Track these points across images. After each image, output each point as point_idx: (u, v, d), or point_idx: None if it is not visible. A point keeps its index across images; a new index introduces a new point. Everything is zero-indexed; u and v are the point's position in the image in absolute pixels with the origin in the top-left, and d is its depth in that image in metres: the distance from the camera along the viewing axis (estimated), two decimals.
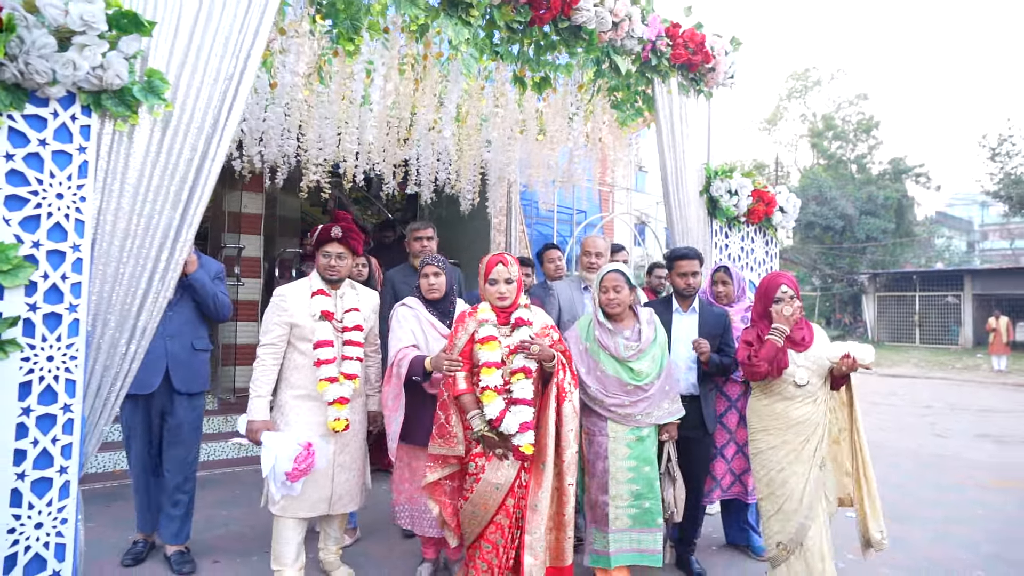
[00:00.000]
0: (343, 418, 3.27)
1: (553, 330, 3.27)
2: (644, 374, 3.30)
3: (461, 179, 5.44)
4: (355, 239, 3.43)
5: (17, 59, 2.30)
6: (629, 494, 3.30)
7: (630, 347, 3.31)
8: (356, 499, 3.49)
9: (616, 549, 3.29)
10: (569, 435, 3.12)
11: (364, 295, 3.59)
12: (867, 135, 35.04)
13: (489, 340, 3.13)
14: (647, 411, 3.32)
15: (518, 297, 3.24)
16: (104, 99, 2.53)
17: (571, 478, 3.11)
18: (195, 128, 2.75)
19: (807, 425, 3.24)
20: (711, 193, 4.99)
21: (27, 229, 2.41)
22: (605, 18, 4.02)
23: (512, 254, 3.29)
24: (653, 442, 3.36)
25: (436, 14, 3.50)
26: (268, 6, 2.90)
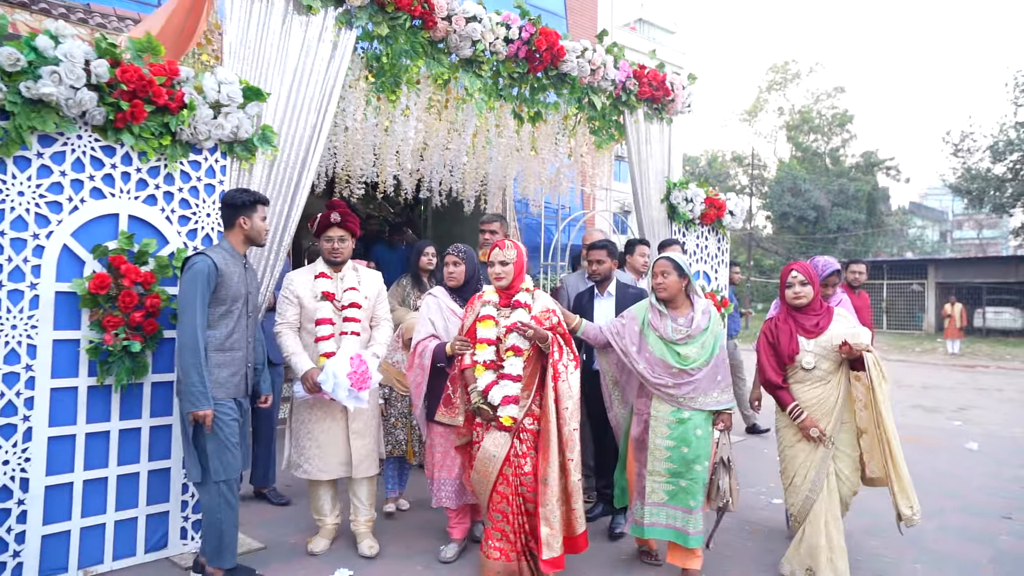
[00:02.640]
0: None
1: (553, 314, 3.40)
2: (691, 359, 3.35)
3: (467, 187, 6.62)
4: (352, 222, 3.68)
5: (191, 126, 3.44)
6: (666, 471, 3.37)
7: (679, 331, 3.39)
8: (373, 465, 3.74)
9: (651, 521, 3.39)
10: (565, 412, 3.23)
11: (366, 276, 3.80)
12: (841, 128, 36.42)
13: (485, 319, 3.38)
14: (691, 395, 3.35)
15: (517, 280, 3.41)
16: (235, 147, 3.67)
17: (571, 453, 3.22)
18: (291, 164, 3.90)
19: (816, 407, 3.41)
20: (671, 201, 6.20)
21: (190, 239, 3.56)
22: (585, 67, 5.19)
23: (515, 241, 3.54)
24: (697, 427, 3.34)
25: (456, 69, 4.65)
26: (339, 73, 4.04)
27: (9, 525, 3.04)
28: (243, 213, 3.24)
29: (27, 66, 2.93)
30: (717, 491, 3.37)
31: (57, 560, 3.18)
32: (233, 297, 3.19)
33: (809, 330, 3.47)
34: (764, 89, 39.76)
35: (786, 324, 3.55)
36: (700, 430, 3.35)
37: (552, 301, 3.49)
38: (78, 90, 3.06)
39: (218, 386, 3.12)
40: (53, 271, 3.14)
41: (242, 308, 3.25)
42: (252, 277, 3.39)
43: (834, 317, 3.48)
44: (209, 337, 3.12)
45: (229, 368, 3.18)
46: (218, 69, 3.56)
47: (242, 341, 3.26)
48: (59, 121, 3.08)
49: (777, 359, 3.54)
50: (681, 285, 3.45)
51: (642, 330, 3.49)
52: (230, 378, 3.18)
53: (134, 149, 3.34)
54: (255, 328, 3.42)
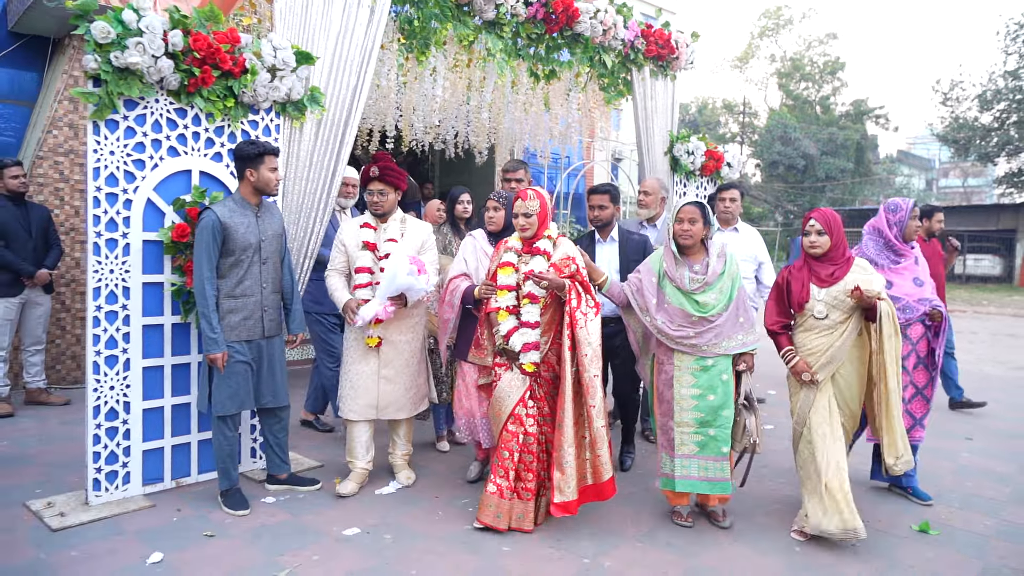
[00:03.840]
0: (375, 335, 3.75)
1: (573, 261, 3.40)
2: (709, 306, 3.33)
3: (479, 140, 6.98)
4: (391, 176, 3.76)
5: (252, 89, 3.79)
6: (694, 421, 3.35)
7: (696, 279, 3.37)
8: (404, 408, 3.87)
9: (682, 474, 3.37)
10: (584, 359, 3.25)
11: (411, 228, 3.89)
12: (832, 76, 36.45)
13: (505, 266, 3.47)
14: (714, 342, 3.34)
15: (541, 229, 3.46)
16: (288, 107, 4.03)
17: (592, 399, 3.23)
18: (336, 122, 4.27)
19: (821, 354, 3.38)
20: (673, 154, 6.60)
21: None
22: (597, 27, 5.52)
23: (538, 189, 3.54)
24: (722, 372, 3.36)
25: (480, 31, 4.98)
26: (377, 36, 4.38)
27: (118, 441, 3.52)
28: (250, 165, 3.47)
29: (116, 38, 3.28)
30: (743, 431, 3.42)
31: (155, 472, 3.68)
32: (242, 247, 3.44)
33: (823, 279, 3.40)
34: (756, 35, 39.51)
35: (800, 272, 3.49)
36: (726, 375, 3.37)
37: (574, 249, 3.51)
38: (158, 58, 3.41)
39: (229, 329, 3.44)
40: (140, 222, 3.54)
41: (252, 256, 3.50)
42: (268, 226, 3.59)
43: (852, 267, 3.40)
44: (220, 285, 3.43)
45: (241, 313, 3.47)
46: (272, 35, 3.90)
47: (255, 287, 3.53)
48: (142, 87, 3.43)
49: (782, 306, 3.53)
50: (703, 233, 3.43)
51: (659, 282, 3.48)
52: (242, 322, 3.48)
53: (203, 111, 3.70)
54: (273, 273, 3.63)
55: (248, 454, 4.05)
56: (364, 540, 3.21)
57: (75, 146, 5.86)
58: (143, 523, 3.29)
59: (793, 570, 3.07)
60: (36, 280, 5.08)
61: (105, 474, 3.50)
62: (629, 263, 4.04)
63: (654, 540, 3.34)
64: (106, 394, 3.48)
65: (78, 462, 4.03)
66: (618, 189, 4.24)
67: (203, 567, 2.90)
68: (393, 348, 3.82)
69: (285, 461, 3.83)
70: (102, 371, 3.47)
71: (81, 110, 5.87)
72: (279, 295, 3.71)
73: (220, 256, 3.42)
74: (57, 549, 3.01)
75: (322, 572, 2.90)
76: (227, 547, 3.10)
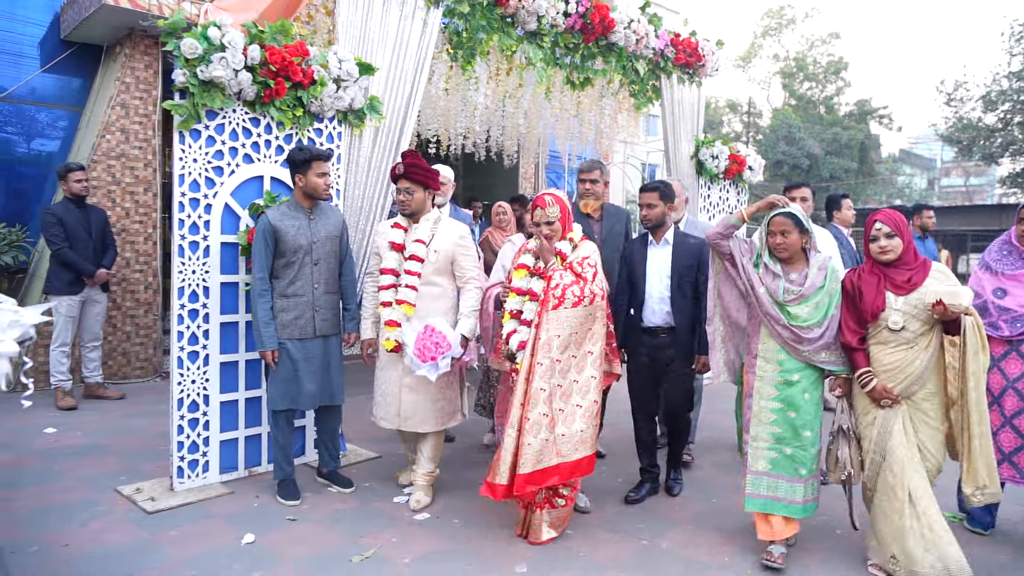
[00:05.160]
0: (392, 339, 3.59)
1: (590, 265, 3.27)
2: (802, 319, 3.09)
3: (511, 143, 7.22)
4: (418, 173, 3.60)
5: (319, 99, 4.01)
6: (770, 436, 3.15)
7: (791, 291, 3.10)
8: (428, 421, 3.66)
9: (751, 492, 3.17)
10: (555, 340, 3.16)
11: (443, 229, 3.69)
12: (836, 76, 36.69)
13: (519, 268, 3.42)
14: (795, 344, 3.11)
15: (565, 233, 3.36)
16: (349, 116, 4.25)
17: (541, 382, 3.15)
18: (392, 129, 4.49)
19: (896, 372, 2.99)
20: (699, 157, 6.82)
21: None
22: (631, 37, 5.75)
23: (554, 191, 3.44)
24: (805, 390, 3.12)
25: (522, 41, 5.20)
26: (428, 47, 4.59)
27: (199, 431, 3.74)
28: (299, 170, 3.57)
29: (202, 54, 3.49)
30: (836, 462, 3.13)
31: (231, 461, 3.90)
32: (292, 249, 3.55)
33: (900, 285, 2.99)
34: (759, 35, 39.74)
35: (872, 276, 3.07)
36: (808, 394, 3.12)
37: (596, 254, 3.37)
38: (238, 72, 3.63)
39: (282, 327, 3.57)
40: (219, 225, 3.76)
41: (303, 258, 3.59)
42: (320, 228, 3.66)
43: (931, 272, 3.01)
44: (275, 285, 3.58)
45: (292, 312, 3.60)
46: (336, 48, 4.12)
47: (306, 287, 3.62)
48: (223, 98, 3.65)
49: (857, 316, 3.08)
50: (801, 242, 3.13)
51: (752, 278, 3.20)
52: (293, 321, 3.60)
53: (274, 120, 3.92)
54: (327, 274, 3.70)
55: (312, 445, 4.27)
56: (436, 524, 3.43)
57: (126, 150, 6.07)
58: (227, 508, 3.51)
59: None
60: (95, 279, 5.29)
61: (187, 462, 3.72)
62: (682, 269, 3.74)
63: (704, 525, 3.56)
64: (188, 387, 3.71)
65: (150, 451, 4.28)
66: (670, 186, 3.89)
67: (294, 547, 3.13)
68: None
69: (334, 457, 3.92)
70: (185, 365, 3.70)
71: (131, 116, 6.08)
72: (335, 295, 3.77)
73: (274, 258, 3.57)
74: (157, 530, 3.23)
75: (402, 553, 3.12)
76: (311, 530, 3.32)
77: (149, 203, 6.24)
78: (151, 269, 6.27)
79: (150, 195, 6.24)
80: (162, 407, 5.21)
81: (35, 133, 6.26)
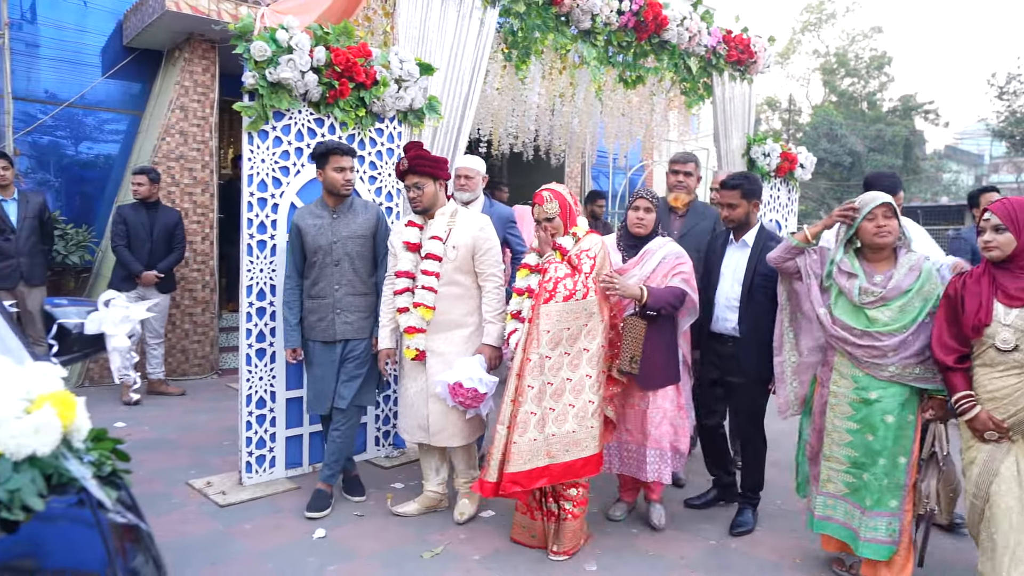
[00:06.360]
0: (414, 347, 3.33)
1: (588, 256, 3.10)
2: (881, 323, 2.72)
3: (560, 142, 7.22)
4: (425, 165, 3.30)
5: (381, 99, 4.06)
6: (845, 458, 2.83)
7: (869, 292, 2.74)
8: (458, 435, 3.35)
9: (823, 514, 2.91)
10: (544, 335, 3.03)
11: (461, 224, 3.38)
12: (879, 71, 35.90)
13: (521, 267, 3.31)
14: (876, 359, 2.72)
15: (568, 227, 3.19)
16: (409, 116, 4.29)
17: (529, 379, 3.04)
18: (450, 129, 4.52)
19: (1007, 402, 2.46)
20: (750, 155, 6.74)
21: (377, 195, 4.22)
22: (684, 34, 5.71)
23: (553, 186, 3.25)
24: (886, 411, 2.73)
25: (576, 40, 5.20)
26: (485, 47, 4.61)
27: (266, 427, 3.81)
28: (319, 165, 3.47)
29: (270, 56, 3.56)
30: (919, 495, 2.78)
31: (296, 457, 3.97)
32: (312, 249, 3.46)
33: (1012, 295, 2.46)
34: (798, 30, 39.09)
35: (978, 284, 2.55)
36: (891, 416, 2.73)
37: (599, 247, 3.16)
38: (304, 73, 3.68)
39: (308, 328, 3.54)
40: (285, 224, 3.83)
41: (324, 258, 3.47)
42: (343, 227, 3.50)
43: None
44: (304, 285, 3.56)
45: (317, 313, 3.51)
46: (397, 48, 4.16)
47: (328, 289, 3.48)
48: (289, 100, 3.72)
49: (956, 329, 2.58)
50: (898, 235, 2.79)
51: (825, 283, 2.91)
52: (317, 322, 3.51)
53: (338, 120, 3.97)
54: (351, 275, 3.52)
55: (372, 442, 4.32)
56: (503, 522, 3.44)
57: (185, 152, 6.21)
58: (295, 503, 3.57)
59: None
60: (142, 280, 5.38)
61: (255, 457, 3.79)
62: (757, 274, 3.36)
63: (771, 527, 3.52)
64: (256, 384, 3.78)
65: (216, 446, 4.38)
66: (755, 181, 3.52)
67: (365, 542, 3.17)
68: (442, 361, 3.31)
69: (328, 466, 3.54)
70: (253, 362, 3.77)
71: (190, 118, 6.22)
72: (364, 297, 3.57)
73: (303, 257, 3.54)
74: (230, 523, 3.31)
75: (471, 549, 3.15)
76: (379, 525, 3.36)
77: (206, 203, 6.37)
78: (208, 268, 6.40)
79: (207, 195, 6.37)
80: (222, 403, 5.36)
81: (98, 137, 6.43)
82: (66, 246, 5.89)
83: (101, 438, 1.19)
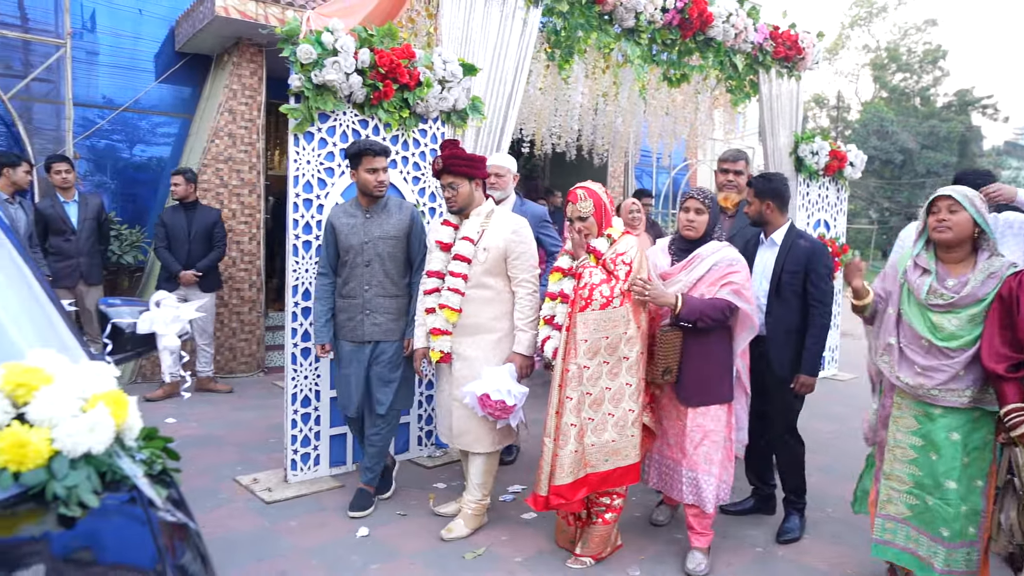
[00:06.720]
0: (438, 349, 3.27)
1: (624, 262, 2.96)
2: (947, 333, 2.47)
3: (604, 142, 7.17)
4: (460, 164, 3.23)
5: (425, 100, 4.08)
6: (908, 478, 2.59)
7: (939, 294, 2.49)
8: (482, 441, 3.25)
9: (883, 538, 2.66)
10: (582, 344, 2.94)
11: (495, 225, 3.28)
12: (933, 66, 34.82)
13: (554, 271, 3.19)
14: (946, 385, 2.47)
15: (602, 228, 3.06)
16: (452, 116, 4.30)
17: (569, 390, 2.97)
18: (494, 129, 4.52)
19: None
20: (798, 154, 6.59)
21: (420, 196, 4.24)
22: (730, 31, 5.61)
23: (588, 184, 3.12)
24: (951, 428, 2.49)
25: (619, 38, 5.15)
26: (528, 47, 4.60)
27: (310, 426, 3.87)
28: (353, 165, 3.44)
29: (316, 59, 3.60)
30: (999, 529, 2.49)
31: (339, 455, 4.02)
32: (344, 248, 3.46)
33: None
34: (847, 25, 38.16)
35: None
36: (956, 434, 2.48)
37: (635, 250, 3.00)
38: (349, 75, 3.72)
39: (338, 327, 3.53)
40: None
41: (355, 258, 3.45)
42: (376, 227, 3.47)
43: None
44: (336, 283, 3.56)
45: (346, 312, 3.50)
46: (441, 49, 4.17)
47: (357, 289, 3.46)
48: (334, 101, 3.76)
49: (1010, 335, 2.37)
50: (972, 232, 2.48)
51: (901, 286, 2.66)
52: (346, 322, 3.50)
53: (382, 122, 4.00)
54: (381, 276, 3.48)
55: (415, 442, 4.34)
56: (546, 524, 3.41)
57: (233, 154, 6.34)
58: (339, 501, 3.60)
59: None
60: (181, 279, 5.47)
61: (300, 455, 3.85)
62: (785, 273, 3.31)
63: (820, 534, 3.43)
64: (301, 383, 3.84)
65: (262, 443, 4.45)
66: (777, 182, 3.43)
67: (408, 541, 3.19)
68: (467, 366, 3.24)
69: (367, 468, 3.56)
70: (298, 361, 3.83)
71: (238, 121, 6.35)
72: (396, 299, 3.52)
73: (336, 255, 3.54)
74: (276, 519, 3.36)
75: (514, 551, 3.14)
76: (422, 524, 3.37)
77: (253, 204, 6.49)
78: (255, 268, 6.52)
79: (254, 196, 6.49)
80: (268, 401, 5.45)
81: (151, 140, 6.62)
82: (120, 246, 6.07)
83: (152, 437, 1.21)
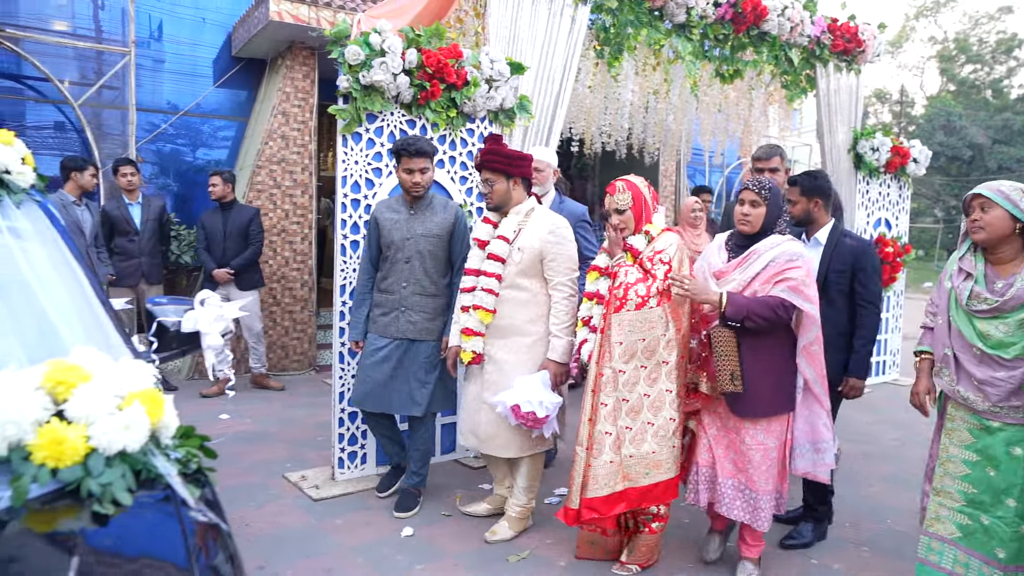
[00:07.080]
0: (470, 350, 3.19)
1: (661, 261, 2.82)
2: (995, 341, 2.33)
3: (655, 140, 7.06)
4: (495, 161, 3.15)
5: (472, 100, 4.07)
6: (960, 495, 2.42)
7: (982, 299, 2.36)
8: (510, 446, 3.16)
9: (929, 559, 2.49)
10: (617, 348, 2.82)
11: (533, 225, 3.18)
12: (1007, 56, 33.26)
13: (591, 270, 3.05)
14: (1007, 402, 2.31)
15: (640, 224, 2.92)
16: (500, 115, 4.28)
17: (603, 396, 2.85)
18: (541, 128, 4.48)
19: None
20: (857, 150, 6.36)
21: (468, 195, 4.23)
22: (785, 24, 5.44)
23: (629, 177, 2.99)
24: (1013, 442, 2.33)
25: (670, 34, 5.05)
26: (576, 45, 4.55)
27: (357, 424, 3.89)
28: (396, 163, 3.48)
29: (364, 59, 3.63)
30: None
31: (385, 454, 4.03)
32: (386, 243, 3.47)
33: None
34: (911, 16, 36.78)
35: None
36: (1019, 448, 2.31)
37: (674, 248, 2.85)
38: (397, 75, 3.74)
39: (372, 322, 3.52)
40: None
41: (396, 254, 3.45)
42: (419, 225, 3.46)
43: None
44: (376, 277, 3.58)
45: (382, 308, 3.48)
46: (488, 48, 4.16)
47: (396, 285, 3.45)
48: (382, 102, 3.78)
49: None
50: (1012, 227, 2.32)
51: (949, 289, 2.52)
52: (380, 317, 3.48)
53: (429, 121, 4.01)
54: (421, 274, 3.46)
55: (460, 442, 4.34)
56: None
57: (286, 155, 6.47)
58: (384, 500, 3.62)
59: None
60: (215, 278, 5.56)
61: (347, 454, 3.88)
62: (830, 274, 3.18)
63: (879, 548, 3.28)
64: (349, 381, 3.87)
65: (312, 441, 4.52)
66: (817, 179, 3.31)
67: (453, 542, 3.18)
68: (498, 370, 3.16)
69: (412, 473, 3.58)
70: (346, 360, 3.86)
71: (291, 123, 6.47)
72: (434, 299, 3.49)
73: (379, 250, 3.55)
74: (323, 517, 3.39)
75: (558, 555, 3.09)
76: (467, 525, 3.36)
77: (305, 205, 6.61)
78: (307, 267, 6.64)
79: (306, 197, 6.61)
80: (319, 399, 5.53)
81: (210, 143, 6.83)
82: (179, 246, 6.26)
83: (189, 435, 1.21)
